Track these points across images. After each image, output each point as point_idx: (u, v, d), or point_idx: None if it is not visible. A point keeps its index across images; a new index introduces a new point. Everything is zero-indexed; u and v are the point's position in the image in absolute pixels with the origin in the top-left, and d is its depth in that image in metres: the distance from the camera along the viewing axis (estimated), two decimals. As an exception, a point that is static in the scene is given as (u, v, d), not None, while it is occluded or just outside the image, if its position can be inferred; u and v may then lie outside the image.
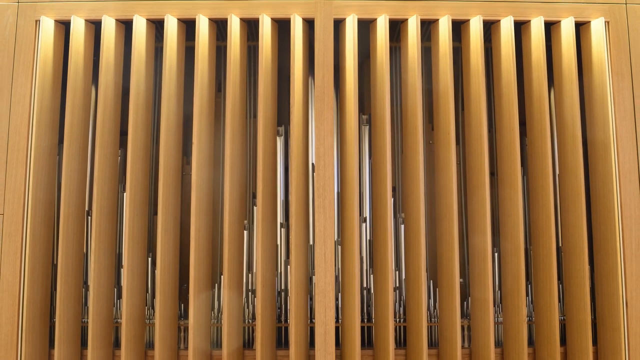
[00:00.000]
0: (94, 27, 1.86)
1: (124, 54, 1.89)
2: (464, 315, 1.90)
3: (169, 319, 1.78)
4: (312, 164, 1.94)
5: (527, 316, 1.85)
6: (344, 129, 1.87)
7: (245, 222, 1.93)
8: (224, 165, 1.77)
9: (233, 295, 1.77)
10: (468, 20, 1.84)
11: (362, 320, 1.90)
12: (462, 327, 1.88)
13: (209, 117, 1.85)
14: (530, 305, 1.88)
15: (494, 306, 1.86)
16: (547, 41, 1.86)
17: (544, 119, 1.79)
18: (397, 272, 1.92)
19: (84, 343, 1.82)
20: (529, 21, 1.85)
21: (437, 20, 1.84)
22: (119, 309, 1.84)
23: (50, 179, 1.82)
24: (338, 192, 1.94)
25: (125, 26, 1.87)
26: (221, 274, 1.90)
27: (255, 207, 1.81)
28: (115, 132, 1.84)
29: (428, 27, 1.94)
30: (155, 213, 1.84)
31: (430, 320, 1.89)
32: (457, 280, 1.73)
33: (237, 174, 1.81)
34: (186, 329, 1.86)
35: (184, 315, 1.89)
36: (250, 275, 1.92)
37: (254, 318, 1.88)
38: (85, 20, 1.82)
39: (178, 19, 1.83)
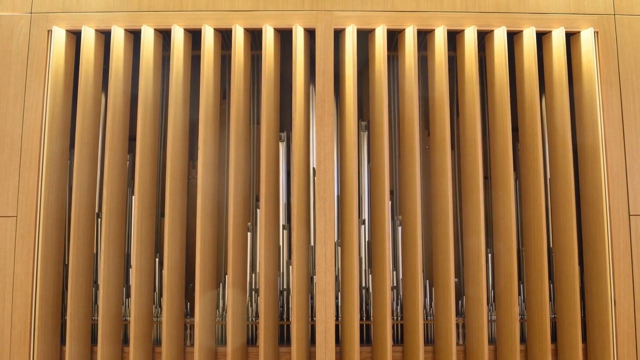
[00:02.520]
0: (104, 36, 1.88)
1: (132, 62, 1.90)
2: (459, 313, 1.91)
3: (176, 317, 1.79)
4: (313, 168, 1.95)
5: (520, 314, 1.86)
6: (343, 134, 1.88)
7: (249, 224, 1.94)
8: (229, 169, 1.78)
9: (237, 294, 1.77)
10: (463, 30, 1.85)
11: (361, 319, 1.91)
12: (457, 325, 1.90)
13: (214, 123, 1.86)
14: (523, 303, 1.89)
15: (488, 305, 1.87)
16: (538, 50, 1.88)
17: (535, 125, 1.80)
18: (394, 272, 1.93)
19: (94, 340, 1.83)
20: (521, 31, 1.86)
21: (433, 30, 1.86)
22: (128, 307, 1.86)
23: (61, 183, 1.84)
24: (338, 196, 1.94)
25: (134, 36, 1.89)
26: (226, 273, 1.92)
27: (258, 210, 1.81)
28: (124, 137, 1.86)
29: (424, 37, 1.95)
30: (163, 215, 1.85)
31: (427, 318, 1.90)
32: (452, 279, 1.74)
33: (241, 178, 1.82)
34: (192, 327, 1.87)
35: (190, 313, 1.90)
36: (253, 275, 1.93)
37: (257, 316, 1.89)
38: (96, 30, 1.84)
39: (184, 29, 1.84)
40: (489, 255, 1.91)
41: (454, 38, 1.92)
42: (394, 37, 1.96)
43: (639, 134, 1.79)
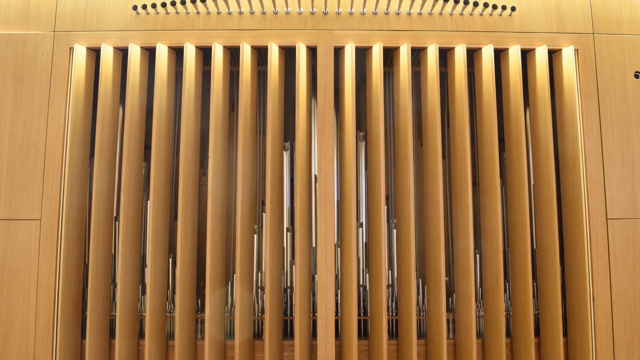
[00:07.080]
0: (122, 53, 1.90)
1: (147, 77, 1.92)
2: (449, 309, 1.92)
3: (188, 313, 1.81)
4: (315, 175, 1.97)
5: (505, 310, 1.87)
6: (343, 144, 1.89)
7: (255, 226, 1.95)
8: (237, 176, 1.79)
9: (244, 292, 1.79)
10: (453, 48, 1.88)
11: (359, 314, 1.92)
12: (448, 320, 1.91)
13: (223, 133, 1.88)
14: (508, 300, 1.91)
15: (476, 301, 1.89)
16: (523, 66, 1.90)
17: (520, 135, 1.82)
18: (390, 271, 1.94)
19: (112, 334, 1.85)
20: (507, 49, 1.89)
21: (426, 47, 1.88)
22: (143, 303, 1.88)
23: (82, 188, 1.86)
24: (338, 200, 1.96)
25: (149, 53, 1.91)
26: (234, 272, 1.94)
27: (264, 214, 1.82)
28: (140, 146, 1.88)
29: (418, 54, 1.97)
30: (176, 218, 1.87)
31: (419, 314, 1.91)
32: (443, 278, 1.76)
33: (248, 184, 1.84)
34: (203, 322, 1.89)
35: (201, 309, 1.91)
36: (259, 273, 1.94)
37: (263, 312, 1.91)
38: (114, 48, 1.86)
39: (196, 47, 1.87)
40: (477, 255, 1.92)
41: (445, 55, 1.94)
42: (390, 54, 1.98)
43: (615, 143, 1.82)
